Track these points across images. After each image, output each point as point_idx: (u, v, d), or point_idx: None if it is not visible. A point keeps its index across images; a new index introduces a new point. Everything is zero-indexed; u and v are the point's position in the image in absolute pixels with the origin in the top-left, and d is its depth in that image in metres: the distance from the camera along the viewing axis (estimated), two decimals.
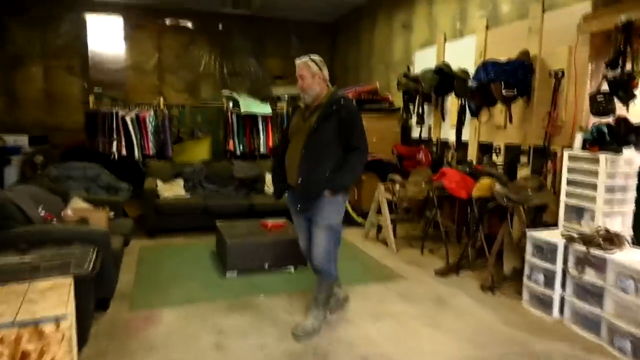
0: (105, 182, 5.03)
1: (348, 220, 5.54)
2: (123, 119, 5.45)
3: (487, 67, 3.79)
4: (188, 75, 7.92)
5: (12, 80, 6.99)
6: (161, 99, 5.79)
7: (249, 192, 5.56)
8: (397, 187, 4.65)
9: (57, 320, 1.89)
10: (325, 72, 2.79)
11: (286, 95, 6.74)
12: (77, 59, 7.26)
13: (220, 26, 8.00)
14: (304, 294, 3.40)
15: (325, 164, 2.67)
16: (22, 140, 6.11)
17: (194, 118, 6.45)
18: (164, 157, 5.68)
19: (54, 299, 2.06)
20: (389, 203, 4.74)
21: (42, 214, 3.27)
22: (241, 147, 5.79)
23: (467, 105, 4.41)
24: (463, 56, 4.78)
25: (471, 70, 4.44)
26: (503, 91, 3.81)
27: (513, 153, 4.16)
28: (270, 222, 4.25)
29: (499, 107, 4.17)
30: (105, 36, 7.33)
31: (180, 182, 5.44)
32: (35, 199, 3.37)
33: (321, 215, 2.72)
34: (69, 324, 1.93)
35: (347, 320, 3.00)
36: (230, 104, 5.90)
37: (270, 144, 5.88)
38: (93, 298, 2.70)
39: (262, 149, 5.88)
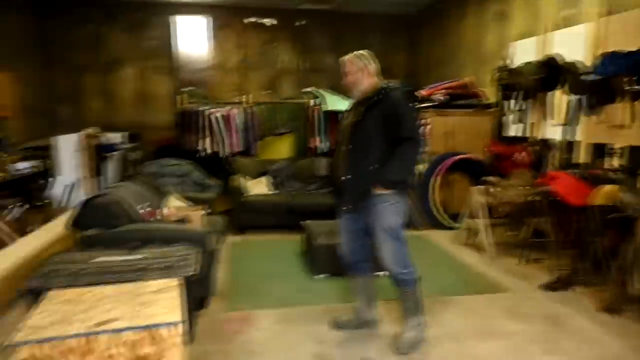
0: (196, 178, 5.17)
1: (436, 223, 5.28)
2: (210, 117, 5.57)
3: (610, 59, 3.36)
4: (269, 72, 7.99)
5: (109, 82, 7.44)
6: (246, 97, 5.84)
7: None
8: (495, 189, 4.31)
9: (173, 325, 1.87)
10: (373, 66, 2.65)
11: None
12: (166, 60, 7.57)
13: (300, 23, 7.99)
14: (398, 303, 3.23)
15: (371, 158, 2.49)
16: (121, 137, 6.45)
17: (276, 115, 6.47)
18: (249, 154, 5.74)
19: (166, 302, 2.06)
20: (485, 206, 4.40)
21: (144, 212, 3.37)
22: (327, 144, 5.71)
23: (580, 102, 3.97)
24: (571, 47, 4.31)
25: (585, 63, 3.99)
26: (628, 86, 3.37)
27: (636, 156, 3.67)
28: None
29: (620, 104, 3.70)
30: (192, 37, 7.57)
31: (265, 180, 5.47)
32: (137, 197, 3.48)
33: (376, 217, 2.52)
34: (183, 329, 1.91)
35: (451, 337, 2.78)
36: (314, 101, 5.83)
37: None
38: (196, 298, 2.72)
39: None
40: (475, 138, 5.52)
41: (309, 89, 6.41)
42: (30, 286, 2.24)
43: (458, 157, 5.28)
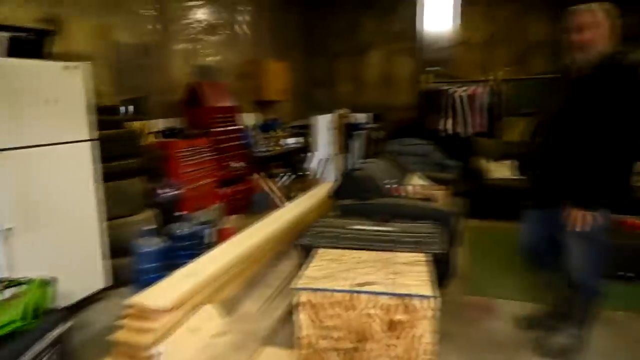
0: (436, 158, 5.18)
1: None
2: (454, 96, 5.45)
3: None
4: (517, 46, 7.29)
5: (358, 67, 8.09)
6: (495, 75, 5.48)
7: None
8: None
9: (426, 298, 1.94)
10: (616, 25, 1.97)
11: None
12: (410, 41, 7.74)
13: None
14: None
15: (584, 158, 1.97)
16: (367, 117, 6.98)
17: (524, 93, 5.88)
18: (492, 135, 5.41)
19: (418, 275, 2.14)
20: None
21: (391, 187, 3.57)
22: None
23: None
24: None
25: None
26: None
27: None
28: (631, 219, 3.42)
29: None
30: (437, 15, 7.51)
31: (508, 163, 5.07)
32: (385, 173, 3.71)
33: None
34: (436, 303, 1.95)
35: None
36: None
37: None
38: (439, 277, 2.75)
39: None
40: None
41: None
42: (303, 243, 2.65)
43: None
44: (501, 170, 5.04)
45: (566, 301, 2.34)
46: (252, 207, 4.89)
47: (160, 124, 4.10)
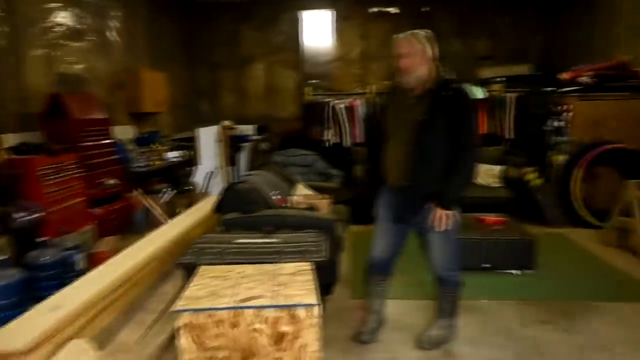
0: (320, 168, 5.34)
1: (576, 221, 4.75)
2: (334, 108, 5.69)
3: None
4: (392, 62, 7.89)
5: (242, 78, 8.05)
6: (370, 87, 5.85)
7: None
8: None
9: (310, 307, 1.96)
10: (435, 50, 2.29)
11: (500, 78, 6.11)
12: (292, 54, 7.92)
13: (423, 9, 7.73)
14: (536, 305, 2.99)
15: (437, 164, 2.24)
16: (251, 129, 6.95)
17: None
18: None
19: (302, 284, 2.16)
20: None
21: (276, 198, 3.58)
22: None
23: None
24: None
25: None
26: None
27: None
28: (489, 217, 3.89)
29: None
30: (317, 31, 7.80)
31: None
32: (270, 185, 3.71)
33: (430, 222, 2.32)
34: (319, 311, 1.99)
35: (604, 348, 2.48)
36: None
37: (484, 130, 5.39)
38: (323, 284, 2.82)
39: None
40: (630, 126, 4.82)
41: None
42: (184, 261, 2.52)
43: (606, 147, 4.66)
44: None
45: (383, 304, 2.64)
46: (131, 226, 4.54)
47: (11, 139, 3.61)
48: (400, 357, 2.45)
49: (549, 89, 5.56)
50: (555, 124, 5.13)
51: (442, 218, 2.28)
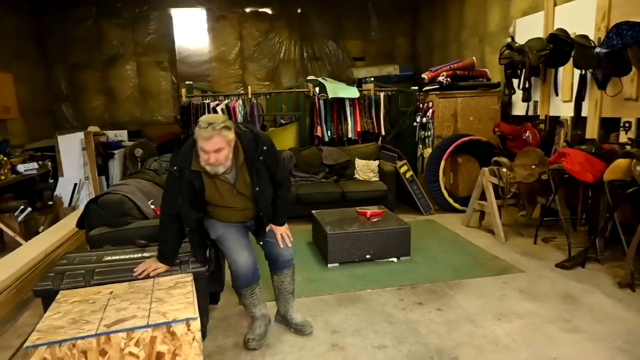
0: None
1: (445, 207, 5.23)
2: (214, 109, 5.50)
3: (622, 30, 3.27)
4: (269, 62, 7.91)
5: (109, 80, 7.39)
6: (249, 88, 5.78)
7: (339, 179, 5.42)
8: (504, 170, 4.25)
9: (188, 322, 1.85)
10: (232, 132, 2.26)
11: (371, 77, 6.48)
12: (165, 54, 7.50)
13: (298, 10, 7.87)
14: (413, 289, 3.21)
15: (269, 197, 2.52)
16: (122, 135, 6.42)
17: (278, 105, 6.40)
18: None
19: (180, 298, 2.04)
20: (494, 188, 4.35)
21: (152, 207, 3.34)
22: (329, 133, 5.64)
23: (591, 76, 3.88)
24: (579, 21, 4.21)
25: (593, 36, 3.90)
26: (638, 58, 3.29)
27: None
28: (369, 210, 4.08)
29: (631, 77, 3.62)
30: (190, 30, 7.49)
31: None
32: (145, 193, 3.44)
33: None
34: (199, 325, 1.88)
35: (469, 320, 2.75)
36: (317, 89, 5.75)
37: (359, 128, 5.65)
38: (208, 293, 2.69)
39: (349, 134, 5.69)
40: (482, 119, 5.45)
41: (310, 78, 6.34)
42: (42, 287, 2.21)
43: (463, 139, 5.21)
44: None
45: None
46: None
47: None
48: (289, 358, 2.44)
49: (415, 87, 6.07)
50: (422, 119, 5.59)
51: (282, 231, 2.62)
